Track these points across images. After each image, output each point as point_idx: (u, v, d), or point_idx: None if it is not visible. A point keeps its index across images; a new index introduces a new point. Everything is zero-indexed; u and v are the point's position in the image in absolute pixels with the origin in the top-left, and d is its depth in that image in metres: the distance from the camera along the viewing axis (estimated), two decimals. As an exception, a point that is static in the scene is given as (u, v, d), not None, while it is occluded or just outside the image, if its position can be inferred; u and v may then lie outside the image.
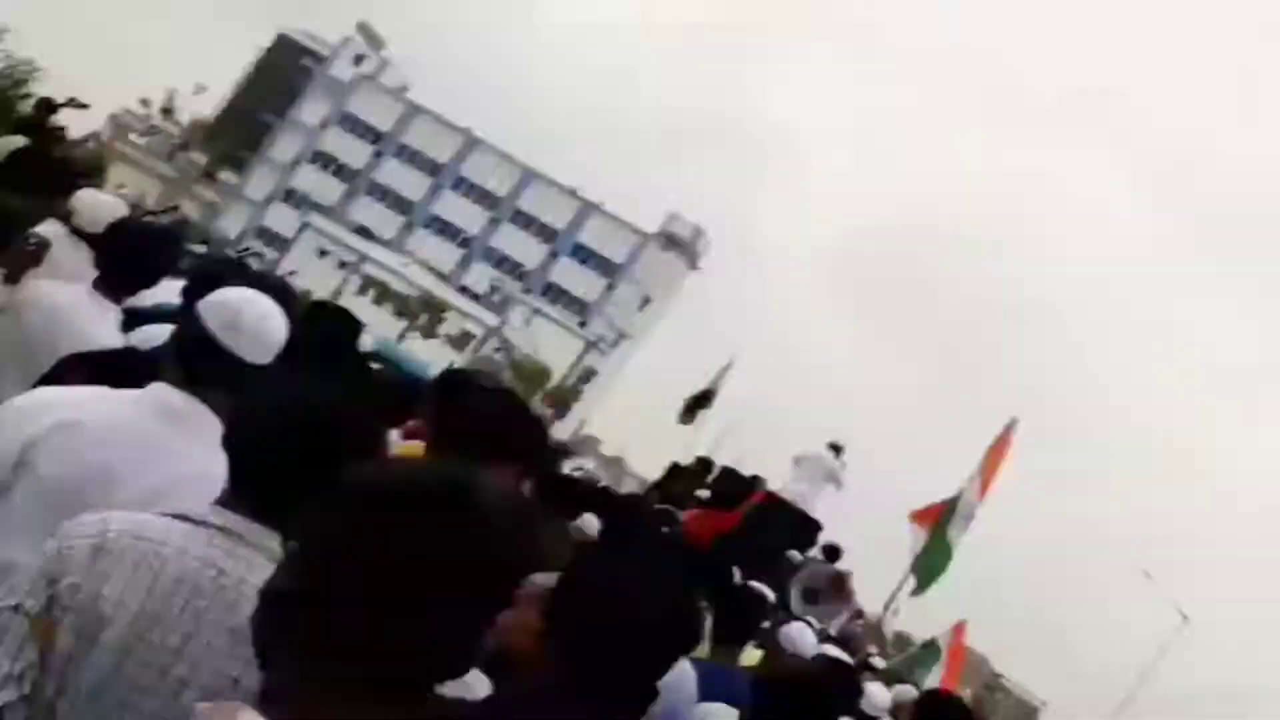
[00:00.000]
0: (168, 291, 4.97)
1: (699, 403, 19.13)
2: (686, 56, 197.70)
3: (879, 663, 19.33)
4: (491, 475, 1.64)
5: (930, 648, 27.18)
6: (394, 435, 4.59)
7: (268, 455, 2.21)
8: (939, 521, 10.16)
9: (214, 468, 2.28)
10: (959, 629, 25.20)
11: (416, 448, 4.35)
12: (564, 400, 77.31)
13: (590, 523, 7.20)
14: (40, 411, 2.68)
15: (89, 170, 14.85)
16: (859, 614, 19.44)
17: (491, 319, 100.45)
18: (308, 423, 2.24)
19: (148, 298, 4.88)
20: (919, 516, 11.78)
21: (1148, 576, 50.22)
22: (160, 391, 2.76)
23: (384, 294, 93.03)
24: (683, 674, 4.13)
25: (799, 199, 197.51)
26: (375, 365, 9.66)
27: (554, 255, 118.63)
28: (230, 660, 2.07)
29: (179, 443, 2.68)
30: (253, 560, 2.15)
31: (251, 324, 2.81)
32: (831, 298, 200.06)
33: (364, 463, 1.72)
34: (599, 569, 2.70)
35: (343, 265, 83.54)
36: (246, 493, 2.21)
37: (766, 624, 7.58)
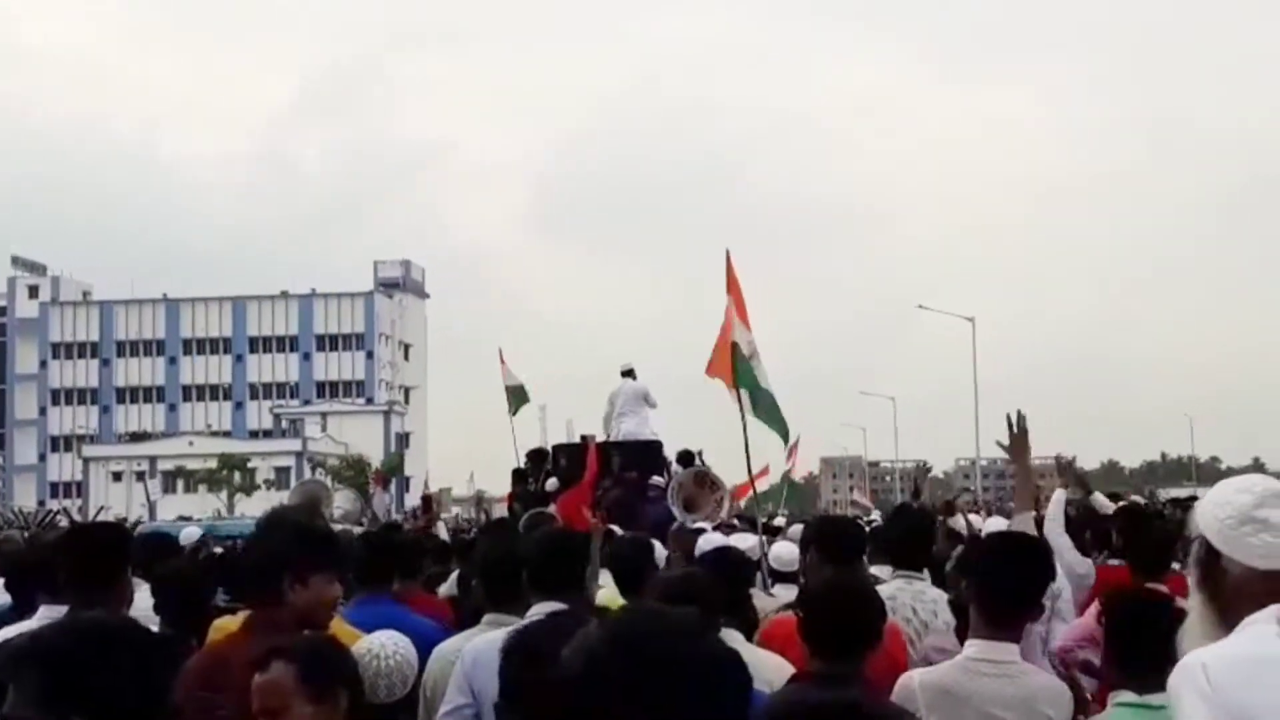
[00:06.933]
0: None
1: (518, 398, 18.85)
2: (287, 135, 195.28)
3: (779, 522, 19.94)
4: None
5: (785, 480, 28.21)
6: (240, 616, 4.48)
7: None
8: (735, 371, 9.77)
9: None
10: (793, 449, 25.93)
11: (232, 624, 4.47)
12: (391, 471, 76.10)
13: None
14: None
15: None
16: (736, 492, 19.91)
17: (292, 445, 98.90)
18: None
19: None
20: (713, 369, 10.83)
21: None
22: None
23: (188, 478, 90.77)
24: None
25: (471, 196, 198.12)
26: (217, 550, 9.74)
27: (305, 357, 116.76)
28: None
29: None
30: None
31: None
32: (547, 246, 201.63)
33: None
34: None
35: (140, 476, 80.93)
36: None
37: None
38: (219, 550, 9.75)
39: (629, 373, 17.22)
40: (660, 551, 7.60)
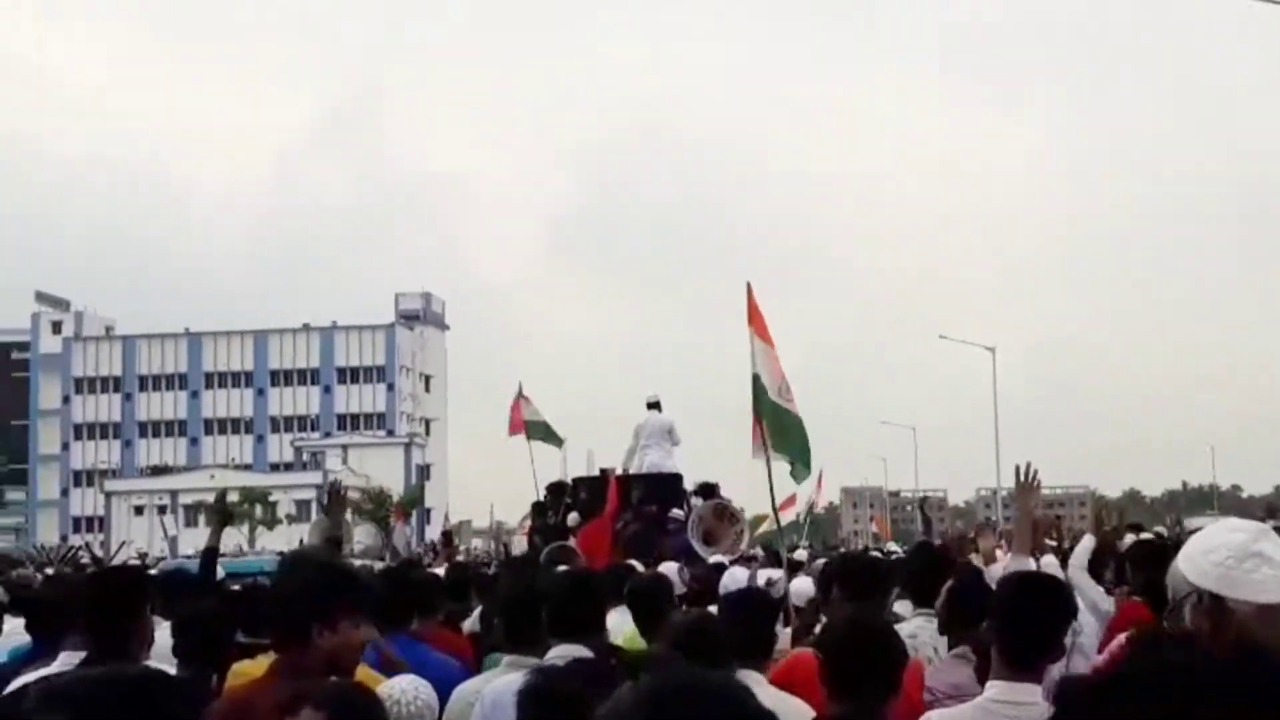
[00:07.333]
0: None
1: (544, 436, 18.67)
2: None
3: (800, 555, 19.84)
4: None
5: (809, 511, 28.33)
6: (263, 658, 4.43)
7: None
8: (759, 410, 9.67)
9: None
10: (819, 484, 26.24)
11: (252, 667, 4.45)
12: (411, 504, 76.23)
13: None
14: None
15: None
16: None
17: (314, 478, 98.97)
18: None
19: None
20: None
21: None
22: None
23: (210, 512, 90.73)
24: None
25: (492, 227, 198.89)
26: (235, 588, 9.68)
27: (326, 390, 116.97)
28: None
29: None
30: None
31: None
32: (568, 277, 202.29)
33: None
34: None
35: (162, 510, 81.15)
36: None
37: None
38: (236, 588, 9.70)
39: (655, 404, 17.23)
40: (677, 577, 7.55)
